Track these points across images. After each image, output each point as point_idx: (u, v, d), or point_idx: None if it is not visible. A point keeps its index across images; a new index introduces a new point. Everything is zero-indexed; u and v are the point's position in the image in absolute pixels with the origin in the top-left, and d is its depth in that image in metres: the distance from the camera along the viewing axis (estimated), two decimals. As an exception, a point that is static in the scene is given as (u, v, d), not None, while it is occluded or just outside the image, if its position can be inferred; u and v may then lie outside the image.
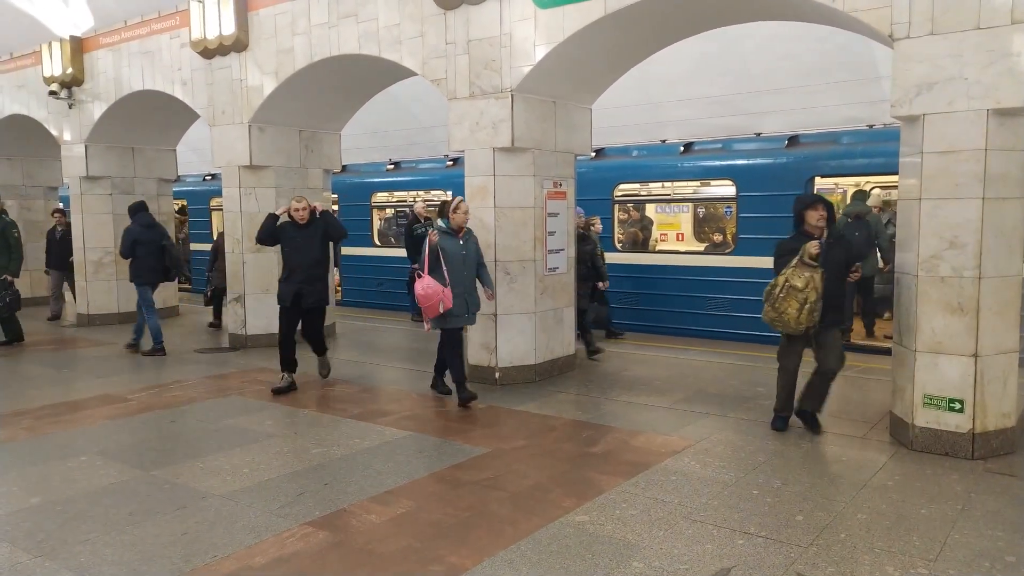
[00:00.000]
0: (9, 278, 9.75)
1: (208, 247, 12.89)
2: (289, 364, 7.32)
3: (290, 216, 7.16)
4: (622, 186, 10.78)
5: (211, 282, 11.34)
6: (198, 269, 15.51)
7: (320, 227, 7.23)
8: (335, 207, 13.28)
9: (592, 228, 9.27)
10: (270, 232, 7.17)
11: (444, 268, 6.44)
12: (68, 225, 12.38)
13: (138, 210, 9.27)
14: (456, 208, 6.58)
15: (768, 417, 6.03)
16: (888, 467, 5.00)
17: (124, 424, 6.26)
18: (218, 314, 11.51)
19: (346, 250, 13.91)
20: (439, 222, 6.72)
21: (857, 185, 10.10)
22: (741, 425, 5.99)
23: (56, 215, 12.66)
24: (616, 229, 10.80)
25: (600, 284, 9.07)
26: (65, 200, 15.32)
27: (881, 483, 4.70)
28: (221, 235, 10.50)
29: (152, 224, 9.24)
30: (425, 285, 6.34)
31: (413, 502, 4.47)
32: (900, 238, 5.53)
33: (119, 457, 5.37)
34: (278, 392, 7.17)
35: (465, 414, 6.45)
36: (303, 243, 7.10)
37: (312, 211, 7.20)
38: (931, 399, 5.19)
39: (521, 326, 7.48)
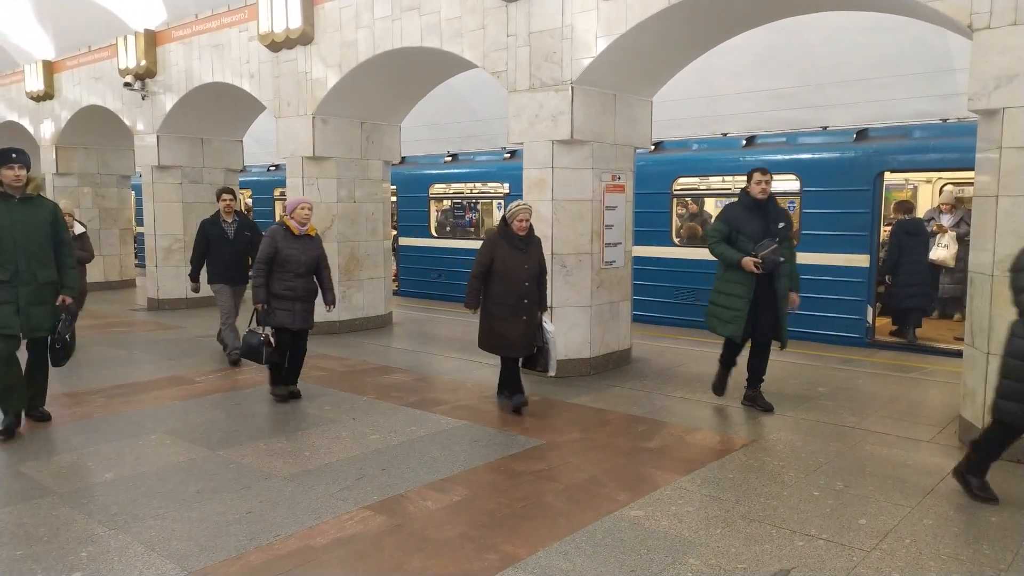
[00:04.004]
0: (68, 300, 5.58)
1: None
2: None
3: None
4: (681, 180, 10.63)
5: None
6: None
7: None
8: (393, 199, 13.44)
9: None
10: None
11: None
12: (244, 217, 8.30)
13: None
14: None
15: (830, 418, 5.88)
16: (956, 473, 4.83)
17: (192, 405, 6.49)
18: None
19: (404, 240, 14.09)
20: None
21: (928, 181, 9.76)
22: (801, 425, 5.87)
23: (225, 198, 8.04)
24: (674, 223, 10.69)
25: None
26: (137, 188, 15.86)
27: (949, 488, 4.55)
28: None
29: None
30: None
31: (468, 490, 4.53)
32: (974, 236, 5.32)
33: (187, 436, 5.57)
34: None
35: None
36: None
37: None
38: (1004, 404, 4.98)
39: (576, 319, 7.47)
